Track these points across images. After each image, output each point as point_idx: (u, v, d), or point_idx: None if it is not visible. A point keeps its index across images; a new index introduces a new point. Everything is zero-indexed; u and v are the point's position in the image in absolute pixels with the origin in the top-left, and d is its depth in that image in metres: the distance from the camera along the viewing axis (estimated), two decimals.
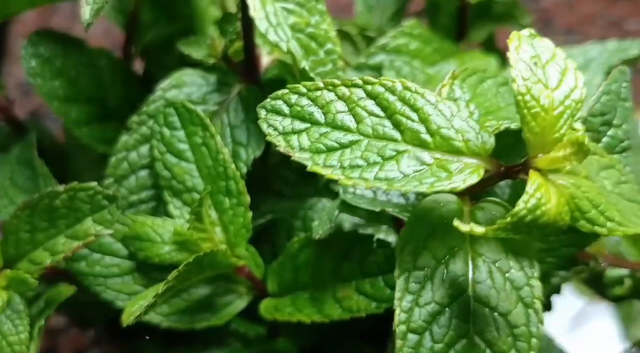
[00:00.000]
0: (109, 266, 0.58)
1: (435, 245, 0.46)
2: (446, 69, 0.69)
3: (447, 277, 0.45)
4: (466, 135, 0.44)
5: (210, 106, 0.60)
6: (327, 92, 0.45)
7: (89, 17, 0.49)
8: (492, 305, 0.45)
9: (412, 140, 0.44)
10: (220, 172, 0.56)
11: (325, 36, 0.54)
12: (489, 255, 0.45)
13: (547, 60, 0.43)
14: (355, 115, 0.44)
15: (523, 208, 0.41)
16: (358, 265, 0.54)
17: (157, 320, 0.58)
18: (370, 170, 0.43)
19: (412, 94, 0.44)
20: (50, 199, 0.53)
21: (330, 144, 0.44)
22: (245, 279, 0.58)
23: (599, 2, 1.23)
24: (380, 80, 0.44)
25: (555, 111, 0.42)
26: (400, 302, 0.45)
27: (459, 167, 0.43)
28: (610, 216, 0.44)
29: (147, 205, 0.60)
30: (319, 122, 0.44)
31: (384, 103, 0.44)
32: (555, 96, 0.42)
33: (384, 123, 0.44)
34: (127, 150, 0.60)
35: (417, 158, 0.43)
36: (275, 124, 0.44)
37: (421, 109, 0.44)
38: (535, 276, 0.45)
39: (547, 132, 0.42)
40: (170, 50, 0.68)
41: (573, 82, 0.43)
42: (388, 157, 0.43)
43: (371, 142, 0.44)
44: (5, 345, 0.52)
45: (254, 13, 0.51)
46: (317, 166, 0.43)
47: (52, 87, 0.66)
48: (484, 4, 0.72)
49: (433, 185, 0.42)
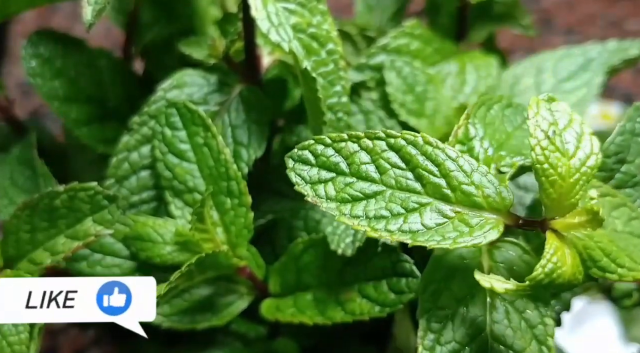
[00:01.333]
0: (110, 266, 0.57)
1: (455, 286, 0.48)
2: (447, 69, 0.69)
3: (467, 316, 0.47)
4: (486, 191, 0.45)
5: (212, 106, 0.60)
6: (352, 143, 0.46)
7: (91, 18, 0.49)
8: (508, 344, 0.47)
9: (434, 194, 0.45)
10: (221, 172, 0.56)
11: (327, 36, 0.53)
12: (507, 296, 0.47)
13: (564, 126, 0.45)
14: (378, 167, 0.46)
15: (541, 273, 0.42)
16: (362, 268, 0.54)
17: (158, 321, 0.57)
18: (394, 222, 0.44)
19: (433, 149, 0.46)
20: (50, 199, 0.53)
21: (356, 194, 0.45)
22: (247, 279, 0.58)
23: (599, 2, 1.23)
24: (402, 134, 0.46)
25: (571, 178, 0.44)
26: (423, 340, 0.47)
27: (479, 222, 0.45)
28: (621, 263, 0.46)
29: (149, 205, 0.60)
30: (345, 172, 0.46)
31: (406, 156, 0.46)
32: (572, 164, 0.44)
33: (406, 175, 0.46)
34: (128, 150, 0.60)
35: (439, 211, 0.45)
36: (303, 174, 0.46)
37: (442, 164, 0.45)
38: (549, 314, 0.48)
39: (563, 198, 0.44)
40: (170, 50, 0.68)
41: (589, 148, 0.45)
42: (411, 209, 0.45)
43: (394, 193, 0.45)
44: (5, 345, 0.52)
45: (256, 13, 0.51)
46: (344, 216, 0.45)
47: (52, 87, 0.66)
48: (484, 4, 0.71)
49: (456, 240, 0.44)
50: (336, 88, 0.55)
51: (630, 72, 1.11)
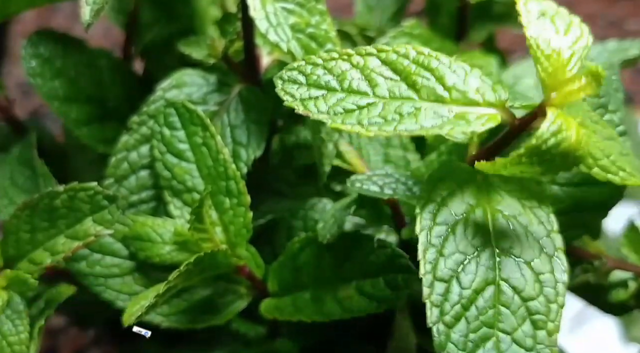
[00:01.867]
0: (110, 266, 0.58)
1: (454, 203, 0.47)
2: None
3: (469, 230, 0.46)
4: (481, 89, 0.45)
5: (211, 106, 0.60)
6: (342, 61, 0.46)
7: (89, 18, 0.49)
8: (515, 254, 0.46)
9: (429, 97, 0.45)
10: (220, 172, 0.56)
11: (326, 36, 0.53)
12: (507, 210, 0.47)
13: (553, 14, 0.45)
14: (370, 81, 0.45)
15: (546, 131, 0.41)
16: (359, 265, 0.54)
17: (157, 320, 0.58)
18: (389, 127, 0.44)
19: (425, 57, 0.45)
20: (50, 199, 0.53)
21: (348, 106, 0.44)
22: (246, 279, 0.58)
23: (599, 2, 1.23)
24: (393, 48, 0.45)
25: (565, 53, 0.44)
26: (425, 254, 0.45)
27: (476, 115, 0.44)
28: (621, 166, 0.46)
29: (148, 205, 0.60)
30: (336, 88, 0.45)
31: (399, 67, 0.45)
32: (564, 41, 0.44)
33: (399, 85, 0.45)
34: (127, 150, 0.60)
35: (435, 112, 0.44)
36: (292, 91, 0.45)
37: (436, 69, 0.45)
38: (554, 229, 0.46)
39: (559, 71, 0.44)
40: (170, 50, 0.68)
41: (579, 31, 0.45)
42: (407, 114, 0.44)
43: (388, 103, 0.45)
44: (5, 345, 0.52)
45: (254, 13, 0.51)
46: (336, 123, 0.44)
47: (52, 87, 0.66)
48: (484, 4, 0.72)
49: (454, 128, 0.43)
50: None
51: (630, 72, 1.11)
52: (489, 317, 0.45)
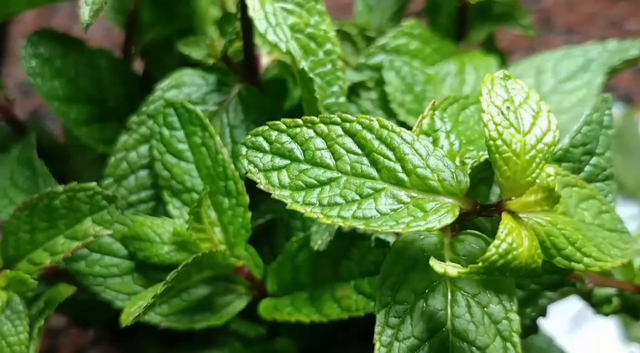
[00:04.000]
0: (109, 266, 0.58)
1: (415, 279, 0.46)
2: (446, 69, 0.69)
3: (426, 311, 0.45)
4: (442, 174, 0.44)
5: (210, 106, 0.60)
6: (307, 129, 0.45)
7: (88, 18, 0.49)
8: (470, 340, 0.45)
9: (389, 179, 0.44)
10: (219, 172, 0.56)
11: (325, 36, 0.53)
12: (468, 289, 0.46)
13: (520, 102, 0.44)
14: (334, 152, 0.45)
15: (494, 254, 0.41)
16: (357, 264, 0.54)
17: (156, 320, 0.58)
18: (348, 209, 0.43)
19: (389, 133, 0.44)
20: (50, 199, 0.53)
21: (310, 181, 0.44)
22: (245, 279, 0.58)
23: (599, 2, 1.23)
24: (358, 118, 0.45)
25: (527, 155, 0.43)
26: (380, 337, 0.45)
27: (434, 206, 0.43)
28: (587, 252, 0.44)
29: (147, 205, 0.60)
30: (299, 158, 0.45)
31: (362, 141, 0.45)
32: (527, 140, 0.43)
33: (362, 161, 0.45)
34: (126, 150, 0.60)
35: (394, 196, 0.44)
36: (256, 161, 0.45)
37: (397, 148, 0.44)
38: (513, 309, 0.45)
39: (519, 176, 0.43)
40: (170, 50, 0.68)
41: (546, 125, 0.43)
42: (366, 195, 0.44)
43: (350, 180, 0.44)
44: (5, 345, 0.52)
45: (253, 13, 0.51)
46: (297, 204, 0.44)
47: (52, 87, 0.66)
48: (484, 4, 0.71)
49: (409, 225, 0.43)
50: (334, 88, 0.55)
51: (630, 72, 1.11)
52: None
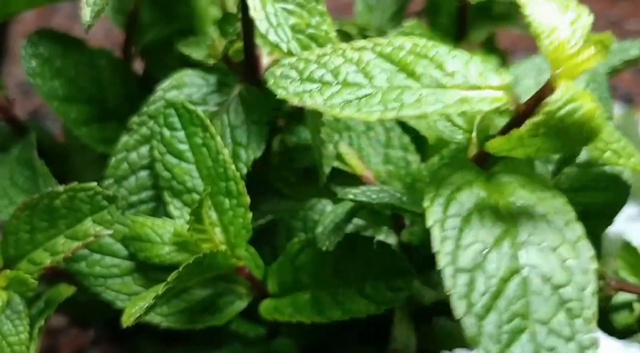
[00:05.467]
0: (109, 266, 0.58)
1: (464, 196, 0.44)
2: None
3: (485, 220, 0.43)
4: (484, 73, 0.43)
5: (211, 107, 0.60)
6: (336, 56, 0.44)
7: (90, 19, 0.49)
8: (538, 241, 0.43)
9: (430, 84, 0.43)
10: (220, 172, 0.56)
11: (326, 37, 0.53)
12: (521, 201, 0.44)
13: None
14: (366, 74, 0.43)
15: (559, 99, 0.40)
16: (359, 267, 0.54)
17: (157, 321, 0.57)
18: (391, 112, 0.42)
19: (422, 47, 0.44)
20: (50, 199, 0.53)
21: (346, 97, 0.43)
22: (245, 280, 0.58)
23: (599, 2, 1.23)
24: (389, 41, 0.44)
25: (567, 30, 0.42)
26: (442, 246, 0.42)
27: (480, 98, 0.42)
28: (632, 152, 0.44)
29: (147, 205, 0.60)
30: (330, 82, 0.44)
31: (395, 59, 0.43)
32: (565, 18, 0.43)
33: (397, 75, 0.43)
34: (127, 150, 0.60)
35: (437, 99, 0.42)
36: (286, 85, 0.44)
37: (434, 57, 0.43)
38: (572, 218, 0.43)
39: (564, 45, 0.42)
40: (170, 50, 0.68)
41: (576, 12, 0.44)
42: (407, 103, 0.42)
43: (387, 92, 0.43)
44: (5, 345, 0.52)
45: (254, 13, 0.51)
46: (335, 112, 0.42)
47: (52, 87, 0.66)
48: (484, 4, 0.71)
49: (459, 107, 0.42)
50: None
51: (630, 72, 1.11)
52: (520, 306, 0.41)
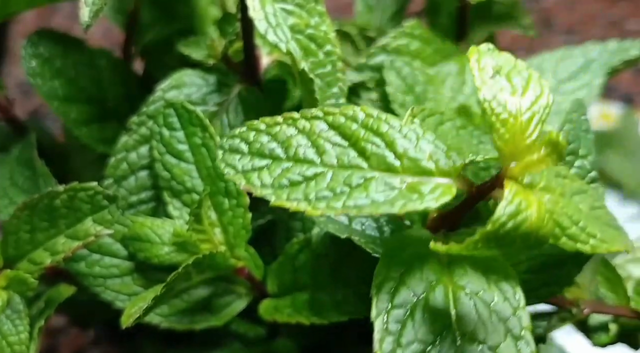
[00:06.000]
0: (109, 266, 0.58)
1: (413, 281, 0.44)
2: (447, 70, 0.69)
3: (429, 314, 0.43)
4: (435, 155, 0.42)
5: (210, 107, 0.60)
6: (287, 126, 0.43)
7: (88, 19, 0.49)
8: (480, 339, 0.42)
9: (379, 166, 0.42)
10: (219, 173, 0.56)
11: (325, 37, 0.53)
12: (470, 286, 0.44)
13: (509, 69, 0.42)
14: (317, 148, 0.42)
15: (503, 215, 0.39)
16: (355, 271, 0.54)
17: (156, 321, 0.57)
18: (337, 201, 0.41)
19: (374, 120, 0.42)
20: (50, 199, 0.53)
21: (294, 178, 0.42)
22: (245, 280, 0.58)
23: (599, 2, 1.23)
24: (341, 110, 0.43)
25: (523, 116, 0.40)
26: (381, 344, 0.42)
27: (430, 187, 0.41)
28: (592, 233, 0.43)
29: (147, 205, 0.60)
30: (280, 157, 0.42)
31: (347, 132, 0.42)
32: (522, 102, 0.41)
33: (348, 152, 0.42)
34: (126, 150, 0.60)
35: (386, 183, 0.41)
36: (234, 163, 0.43)
37: (385, 134, 0.42)
38: (521, 306, 0.43)
39: (518, 138, 0.40)
40: (170, 50, 0.68)
41: (539, 89, 0.41)
42: (356, 186, 0.41)
43: (337, 173, 0.42)
44: (5, 345, 0.52)
45: (254, 14, 0.51)
46: (281, 200, 0.41)
47: (52, 87, 0.66)
48: (484, 4, 0.71)
49: (405, 205, 0.41)
50: (334, 89, 0.55)
51: (630, 72, 1.11)
52: None
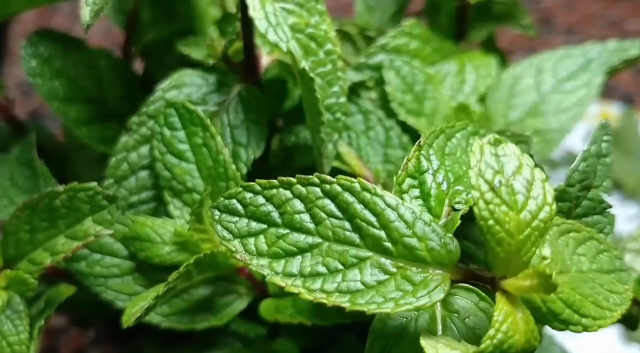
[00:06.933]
0: (109, 266, 0.58)
1: (407, 344, 0.43)
2: (446, 69, 0.69)
3: None
4: (429, 243, 0.41)
5: (210, 106, 0.60)
6: (283, 190, 0.43)
7: (89, 18, 0.49)
8: None
9: (374, 247, 0.41)
10: (220, 172, 0.56)
11: (325, 36, 0.53)
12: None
13: (512, 172, 0.40)
14: (313, 216, 0.42)
15: (489, 346, 0.38)
16: None
17: (157, 321, 0.57)
18: (332, 281, 0.41)
19: (371, 197, 0.42)
20: (50, 199, 0.53)
21: (289, 248, 0.42)
22: (246, 280, 0.58)
23: (599, 2, 1.23)
24: (337, 180, 0.42)
25: (521, 234, 0.40)
26: None
27: (423, 278, 0.41)
28: (585, 313, 0.43)
29: (148, 205, 0.60)
30: (277, 222, 0.42)
31: (343, 205, 0.42)
32: (521, 218, 0.40)
33: (344, 225, 0.42)
34: (127, 150, 0.60)
35: (379, 266, 0.41)
36: (230, 226, 0.43)
37: (381, 214, 0.41)
38: None
39: (512, 257, 0.40)
40: (170, 50, 0.68)
41: (541, 198, 0.40)
42: (350, 265, 0.41)
43: (332, 246, 0.42)
44: (5, 345, 0.52)
45: (254, 13, 0.51)
46: (277, 276, 0.41)
47: (52, 87, 0.66)
48: (484, 4, 0.71)
49: (398, 303, 0.40)
50: (334, 88, 0.55)
51: (630, 72, 1.12)
52: None
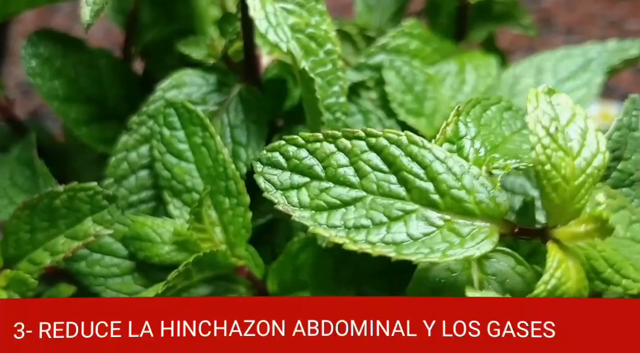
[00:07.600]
0: (109, 266, 0.58)
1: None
2: (446, 69, 0.69)
3: None
4: (478, 196, 0.41)
5: (210, 106, 0.60)
6: (328, 143, 0.42)
7: (89, 18, 0.49)
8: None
9: (421, 200, 0.41)
10: (220, 172, 0.56)
11: (325, 36, 0.53)
12: None
13: (567, 121, 0.40)
14: (358, 170, 0.42)
15: (543, 291, 0.38)
16: (359, 266, 0.54)
17: None
18: (376, 232, 0.40)
19: (419, 150, 0.41)
20: (50, 199, 0.53)
21: (332, 200, 0.41)
22: (245, 279, 0.58)
23: (599, 2, 1.23)
24: (384, 133, 0.42)
25: (576, 181, 0.40)
26: None
27: (471, 231, 0.40)
28: (625, 274, 0.43)
29: (147, 205, 0.60)
30: (320, 176, 0.42)
31: (389, 158, 0.41)
32: (576, 164, 0.40)
33: (389, 179, 0.41)
34: (126, 150, 0.60)
35: (426, 219, 0.41)
36: (273, 179, 0.42)
37: (429, 166, 0.41)
38: None
39: (567, 203, 0.40)
40: (170, 50, 0.68)
41: (595, 146, 0.40)
42: (395, 218, 0.41)
43: (376, 200, 0.41)
44: None
45: (254, 13, 0.51)
46: (320, 227, 0.41)
47: (52, 87, 0.66)
48: (484, 4, 0.71)
49: (445, 253, 0.40)
50: (334, 88, 0.55)
51: (630, 72, 1.11)
52: None
